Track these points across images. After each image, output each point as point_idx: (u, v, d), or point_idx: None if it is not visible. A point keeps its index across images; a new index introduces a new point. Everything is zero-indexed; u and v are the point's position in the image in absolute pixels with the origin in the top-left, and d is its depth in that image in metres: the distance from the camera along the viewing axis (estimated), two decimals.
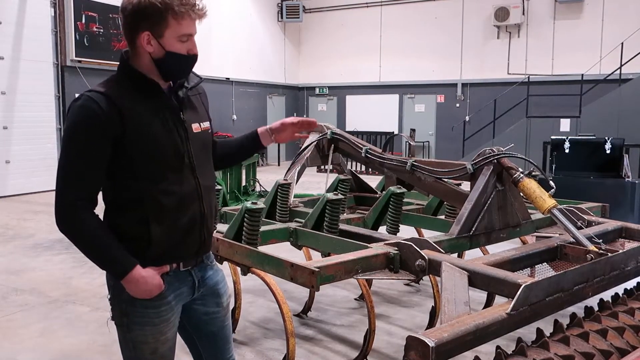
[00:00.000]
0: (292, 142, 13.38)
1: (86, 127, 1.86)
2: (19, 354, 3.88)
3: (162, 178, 1.95)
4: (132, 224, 1.95)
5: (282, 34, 19.34)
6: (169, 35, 1.89)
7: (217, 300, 2.22)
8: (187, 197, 2.00)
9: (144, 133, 1.91)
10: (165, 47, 1.91)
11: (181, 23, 1.88)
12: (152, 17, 1.86)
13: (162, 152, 1.94)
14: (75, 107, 1.88)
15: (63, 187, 1.88)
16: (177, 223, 1.98)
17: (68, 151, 1.89)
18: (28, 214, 9.21)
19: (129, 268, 1.91)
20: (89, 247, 1.91)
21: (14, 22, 11.06)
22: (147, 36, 1.88)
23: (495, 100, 15.18)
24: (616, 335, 2.13)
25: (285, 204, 4.07)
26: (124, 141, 1.88)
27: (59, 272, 5.86)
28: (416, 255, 2.75)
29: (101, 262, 1.94)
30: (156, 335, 2.02)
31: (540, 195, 3.21)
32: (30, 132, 11.44)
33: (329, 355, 3.86)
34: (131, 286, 1.93)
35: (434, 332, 1.79)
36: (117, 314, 2.04)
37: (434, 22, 17.30)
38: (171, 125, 1.98)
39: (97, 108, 1.85)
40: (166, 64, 1.93)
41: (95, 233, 1.89)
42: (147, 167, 1.93)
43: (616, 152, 7.22)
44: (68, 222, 1.88)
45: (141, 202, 1.93)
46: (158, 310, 2.00)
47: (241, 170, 9.77)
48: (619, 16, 14.62)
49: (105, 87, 1.92)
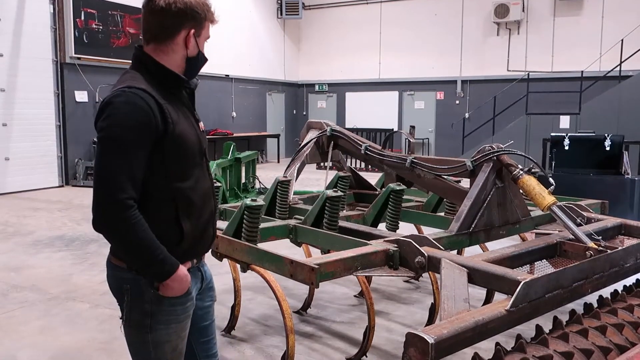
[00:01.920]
0: (291, 140, 13.36)
1: (137, 124, 1.81)
2: (19, 351, 3.88)
3: (189, 175, 1.97)
4: (164, 223, 1.92)
5: (281, 30, 19.31)
6: (203, 36, 2.03)
7: (211, 294, 2.26)
8: (207, 193, 2.06)
9: (178, 131, 1.91)
10: (199, 46, 2.02)
11: (209, 27, 2.05)
12: (197, 17, 1.97)
13: (191, 150, 1.98)
14: (119, 104, 1.82)
15: (113, 187, 1.79)
16: (200, 219, 2.02)
17: (118, 150, 1.81)
18: (28, 211, 9.21)
19: (176, 267, 1.91)
20: (136, 247, 1.84)
21: (13, 19, 11.04)
22: (192, 34, 1.97)
23: (494, 97, 15.17)
24: (615, 331, 2.13)
25: (285, 201, 4.07)
26: (163, 139, 1.86)
27: (59, 269, 5.86)
28: (416, 252, 2.75)
29: (149, 263, 1.87)
30: (179, 331, 2.04)
31: (540, 192, 3.22)
32: (30, 129, 11.44)
33: (329, 351, 3.87)
34: (175, 285, 1.92)
35: (434, 329, 1.79)
36: (138, 316, 1.96)
37: (434, 19, 17.28)
38: (192, 122, 2.04)
39: (145, 105, 1.83)
40: (195, 62, 2.03)
41: (147, 234, 1.83)
42: (178, 165, 1.94)
43: (616, 149, 7.22)
44: (118, 222, 1.80)
45: (173, 200, 1.93)
46: (184, 306, 2.02)
47: (241, 167, 9.77)
48: (619, 13, 14.60)
49: (140, 83, 1.88)
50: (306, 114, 19.79)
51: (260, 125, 18.50)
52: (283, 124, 19.56)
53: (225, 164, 9.18)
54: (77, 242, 6.99)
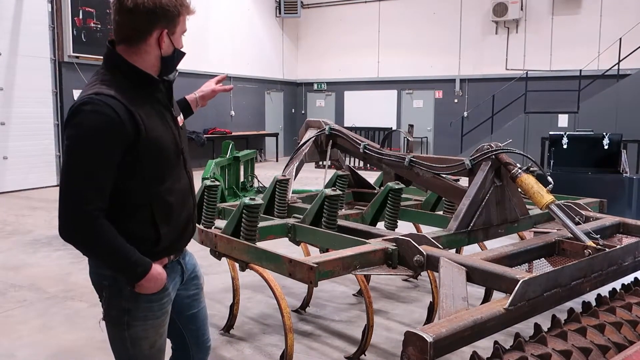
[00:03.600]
0: (290, 139, 13.32)
1: (105, 134, 1.75)
2: (18, 350, 3.88)
3: (165, 178, 1.95)
4: (140, 226, 1.92)
5: (280, 29, 19.29)
6: (178, 32, 1.91)
7: (196, 282, 2.28)
8: (185, 192, 2.04)
9: (152, 137, 1.86)
10: (175, 44, 1.92)
11: (184, 21, 1.92)
12: (169, 14, 1.85)
13: (167, 152, 1.94)
14: (87, 113, 1.75)
15: (79, 199, 1.76)
16: (179, 219, 2.02)
17: (83, 162, 1.76)
18: (26, 210, 9.20)
19: (148, 268, 1.91)
20: (107, 254, 1.86)
21: (11, 17, 11.02)
22: (164, 34, 1.87)
23: (493, 95, 15.18)
24: (614, 330, 2.13)
25: (284, 200, 4.07)
26: (137, 146, 1.82)
27: (58, 268, 5.85)
28: (414, 251, 2.75)
29: (121, 267, 1.89)
30: (156, 328, 2.04)
31: (538, 190, 3.22)
32: (28, 128, 11.42)
33: (327, 350, 3.87)
34: (150, 284, 1.93)
35: (432, 328, 1.79)
36: (116, 313, 1.99)
37: (433, 18, 17.27)
38: (167, 121, 1.98)
39: (114, 114, 1.75)
40: (171, 60, 1.93)
41: (114, 241, 1.83)
42: (153, 169, 1.91)
43: (614, 148, 7.23)
44: (87, 234, 1.80)
45: (149, 204, 1.91)
46: (161, 302, 2.02)
47: (239, 166, 9.76)
48: (617, 11, 14.61)
49: (109, 88, 1.81)
50: (305, 113, 19.79)
51: (259, 124, 18.48)
52: (282, 122, 19.54)
53: (224, 163, 9.16)
54: None
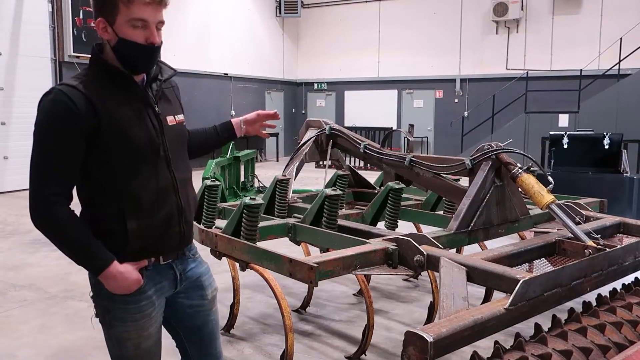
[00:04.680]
0: (290, 138, 13.31)
1: (60, 122, 1.83)
2: (18, 350, 3.88)
3: (137, 172, 1.93)
4: (109, 220, 1.92)
5: (280, 29, 19.29)
6: (120, 21, 1.85)
7: (200, 292, 2.19)
8: (163, 190, 1.99)
9: (118, 126, 1.87)
10: (118, 33, 1.87)
11: (130, 7, 1.83)
12: (104, 2, 1.86)
13: (137, 145, 1.91)
14: (46, 102, 1.85)
15: (38, 183, 1.85)
16: (154, 217, 1.96)
17: (42, 147, 1.85)
18: (26, 209, 9.14)
19: (107, 264, 1.90)
20: (65, 243, 1.91)
21: (11, 17, 11.02)
22: (103, 23, 1.87)
23: (493, 95, 15.18)
24: (614, 330, 2.13)
25: (284, 200, 4.06)
26: (99, 135, 1.85)
27: (57, 267, 5.85)
28: (415, 251, 2.74)
29: (78, 258, 1.93)
30: (138, 330, 2.01)
31: (539, 190, 3.21)
32: (28, 127, 11.07)
33: (328, 350, 3.87)
34: (109, 282, 1.92)
35: (433, 327, 1.79)
36: (100, 311, 2.04)
37: (433, 18, 17.27)
38: (145, 117, 1.95)
39: (70, 102, 1.82)
40: (121, 52, 1.89)
41: (72, 229, 1.88)
42: (122, 161, 1.90)
43: (614, 148, 7.23)
44: (44, 218, 1.87)
45: (117, 197, 1.91)
46: (138, 305, 1.99)
47: (240, 166, 9.76)
48: (617, 11, 14.61)
49: (76, 80, 1.89)
50: (305, 113, 19.79)
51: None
52: (282, 122, 19.55)
53: (224, 163, 9.16)
54: None
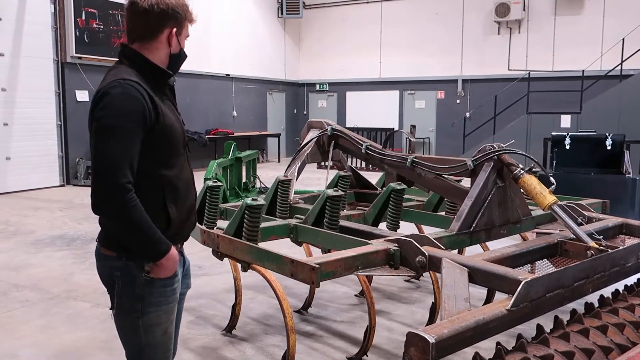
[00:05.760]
0: (292, 139, 13.34)
1: (133, 113, 1.93)
2: (20, 350, 3.89)
3: (174, 164, 2.11)
4: (153, 207, 2.02)
5: (282, 30, 19.30)
6: (183, 34, 2.17)
7: (187, 281, 2.36)
8: (189, 182, 2.21)
9: (167, 122, 2.05)
10: (181, 44, 2.18)
11: (188, 26, 2.20)
12: (178, 17, 2.12)
13: (177, 140, 2.12)
14: (116, 94, 1.93)
15: (114, 170, 1.89)
16: (185, 205, 2.16)
17: (116, 136, 1.91)
18: (29, 210, 9.21)
19: (169, 247, 2.03)
20: (137, 229, 1.94)
21: (14, 18, 11.04)
22: (174, 33, 2.12)
23: (495, 96, 15.16)
24: (616, 331, 2.13)
25: (286, 201, 4.07)
26: (154, 128, 1.99)
27: (60, 268, 5.86)
28: (416, 252, 2.75)
29: (146, 243, 1.98)
30: (168, 314, 2.13)
31: (541, 191, 3.22)
32: (31, 128, 11.44)
33: (329, 351, 3.87)
34: (168, 264, 2.03)
35: (434, 328, 1.79)
36: (129, 301, 2.06)
37: (435, 18, 17.26)
38: (176, 115, 2.18)
39: (140, 96, 1.95)
40: (177, 59, 2.18)
41: (143, 216, 1.94)
42: (165, 153, 2.07)
43: (617, 148, 7.21)
44: (119, 206, 1.89)
45: (161, 187, 2.05)
46: (173, 287, 2.13)
47: (241, 166, 9.77)
48: (620, 12, 14.58)
49: (132, 76, 2.00)
50: (307, 114, 19.79)
51: (261, 124, 18.49)
52: (284, 123, 19.55)
53: (226, 164, 9.17)
54: (78, 242, 6.99)
